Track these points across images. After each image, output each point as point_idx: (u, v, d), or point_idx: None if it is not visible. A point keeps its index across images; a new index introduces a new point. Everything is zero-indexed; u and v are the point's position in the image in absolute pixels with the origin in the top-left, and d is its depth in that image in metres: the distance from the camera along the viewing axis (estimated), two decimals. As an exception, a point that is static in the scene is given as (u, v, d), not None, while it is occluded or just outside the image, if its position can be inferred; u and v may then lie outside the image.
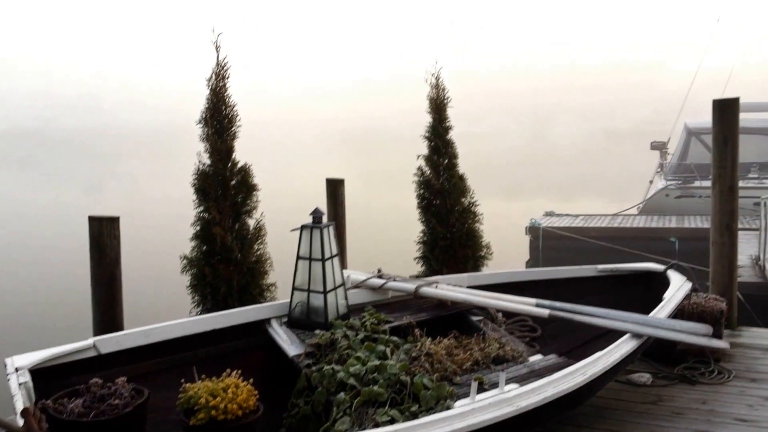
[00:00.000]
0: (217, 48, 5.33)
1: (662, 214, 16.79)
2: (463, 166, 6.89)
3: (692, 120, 18.98)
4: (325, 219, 4.35)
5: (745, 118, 18.79)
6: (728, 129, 5.96)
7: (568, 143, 79.23)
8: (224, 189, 5.34)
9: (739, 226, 6.63)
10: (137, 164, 51.08)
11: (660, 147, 20.74)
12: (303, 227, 4.29)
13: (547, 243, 15.39)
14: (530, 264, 15.38)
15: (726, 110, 6.00)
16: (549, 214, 17.55)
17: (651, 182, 19.96)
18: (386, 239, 16.16)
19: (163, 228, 17.96)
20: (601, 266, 5.48)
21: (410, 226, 7.32)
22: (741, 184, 17.26)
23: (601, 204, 22.45)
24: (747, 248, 11.06)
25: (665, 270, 5.15)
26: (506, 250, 13.18)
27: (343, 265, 6.16)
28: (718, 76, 19.52)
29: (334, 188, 7.04)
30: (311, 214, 4.34)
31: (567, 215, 17.52)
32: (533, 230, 15.74)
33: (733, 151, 5.94)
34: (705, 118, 19.77)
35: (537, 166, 43.50)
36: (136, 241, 9.16)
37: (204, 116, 5.38)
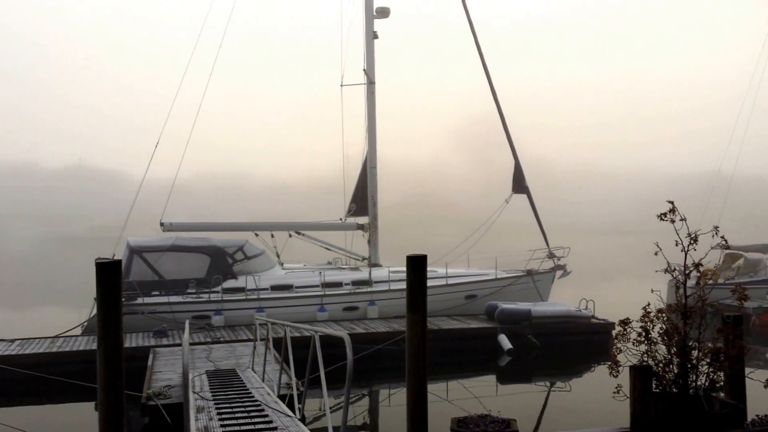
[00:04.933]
0: None
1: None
2: None
3: (134, 238, 19.80)
4: None
5: (184, 237, 20.48)
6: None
7: (24, 247, 73.45)
8: None
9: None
10: None
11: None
12: None
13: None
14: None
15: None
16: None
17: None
18: None
19: None
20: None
21: None
22: (179, 299, 18.72)
23: (58, 312, 21.15)
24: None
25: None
26: None
27: None
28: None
29: None
30: None
31: (1, 340, 15.82)
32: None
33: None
34: (148, 236, 20.88)
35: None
36: None
37: None
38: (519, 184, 22.42)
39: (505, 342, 17.70)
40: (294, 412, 9.58)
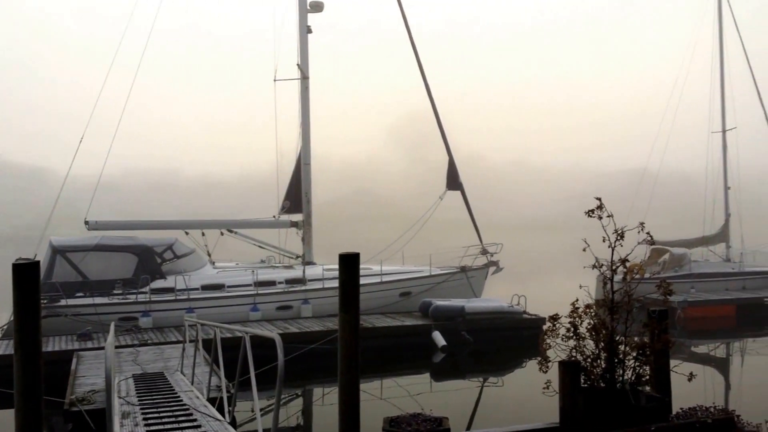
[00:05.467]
0: None
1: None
2: None
3: (58, 237, 18.93)
4: None
5: (110, 236, 19.75)
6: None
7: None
8: None
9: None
10: None
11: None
12: None
13: None
14: None
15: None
16: None
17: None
18: None
19: None
20: None
21: None
22: (105, 300, 18.02)
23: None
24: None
25: None
26: None
27: None
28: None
29: None
30: None
31: None
32: None
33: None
34: (73, 235, 20.01)
35: None
36: None
37: None
38: (453, 181, 22.59)
39: (439, 339, 17.79)
40: (224, 416, 9.30)
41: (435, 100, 22.64)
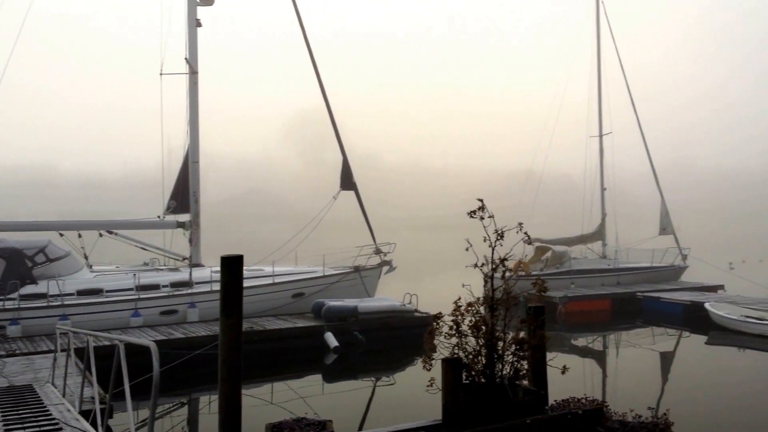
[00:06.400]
0: None
1: None
2: None
3: None
4: None
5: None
6: None
7: None
8: None
9: None
10: None
11: None
12: None
13: None
14: None
15: None
16: None
17: None
18: None
19: None
20: None
21: None
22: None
23: None
24: None
25: None
26: None
27: None
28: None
29: None
30: None
31: None
32: None
33: None
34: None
35: None
36: None
37: None
38: (347, 181, 22.54)
39: (331, 340, 17.69)
40: (97, 429, 8.75)
41: (329, 100, 22.51)
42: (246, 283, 19.85)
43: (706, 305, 22.40)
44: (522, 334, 7.46)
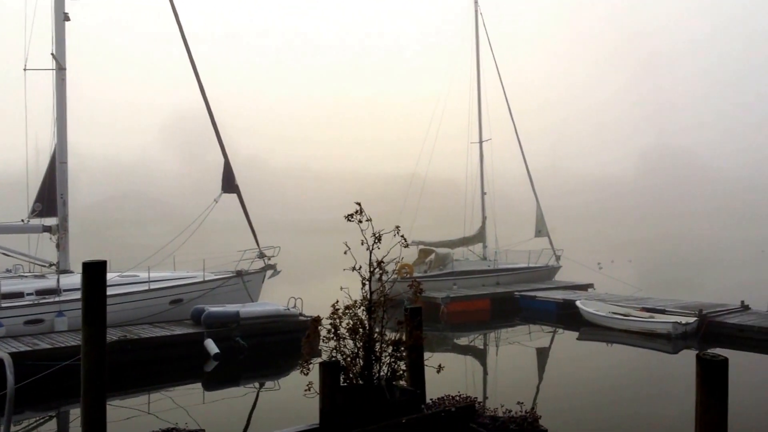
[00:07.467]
0: None
1: None
2: None
3: None
4: None
5: None
6: None
7: None
8: None
9: None
10: None
11: None
12: None
13: None
14: None
15: None
16: None
17: None
18: None
19: None
20: None
21: None
22: None
23: None
24: None
25: None
26: None
27: None
28: None
29: None
30: None
31: None
32: None
33: None
34: None
35: None
36: None
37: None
38: (229, 184, 21.99)
39: (211, 346, 17.17)
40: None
41: (209, 100, 21.89)
42: (120, 290, 19.00)
43: (577, 303, 23.75)
44: (401, 336, 7.54)
